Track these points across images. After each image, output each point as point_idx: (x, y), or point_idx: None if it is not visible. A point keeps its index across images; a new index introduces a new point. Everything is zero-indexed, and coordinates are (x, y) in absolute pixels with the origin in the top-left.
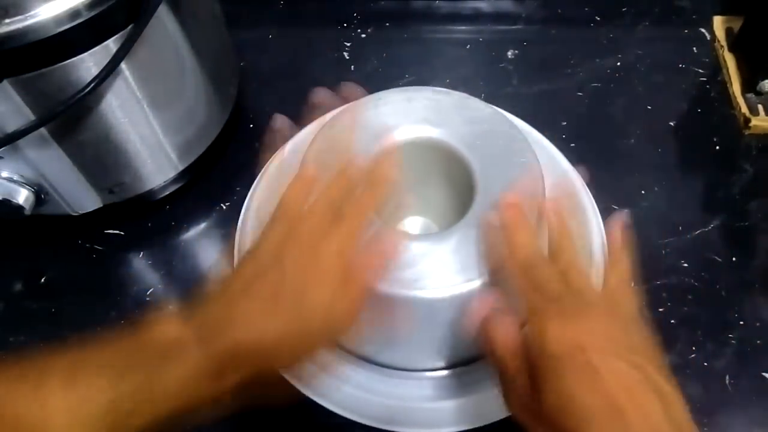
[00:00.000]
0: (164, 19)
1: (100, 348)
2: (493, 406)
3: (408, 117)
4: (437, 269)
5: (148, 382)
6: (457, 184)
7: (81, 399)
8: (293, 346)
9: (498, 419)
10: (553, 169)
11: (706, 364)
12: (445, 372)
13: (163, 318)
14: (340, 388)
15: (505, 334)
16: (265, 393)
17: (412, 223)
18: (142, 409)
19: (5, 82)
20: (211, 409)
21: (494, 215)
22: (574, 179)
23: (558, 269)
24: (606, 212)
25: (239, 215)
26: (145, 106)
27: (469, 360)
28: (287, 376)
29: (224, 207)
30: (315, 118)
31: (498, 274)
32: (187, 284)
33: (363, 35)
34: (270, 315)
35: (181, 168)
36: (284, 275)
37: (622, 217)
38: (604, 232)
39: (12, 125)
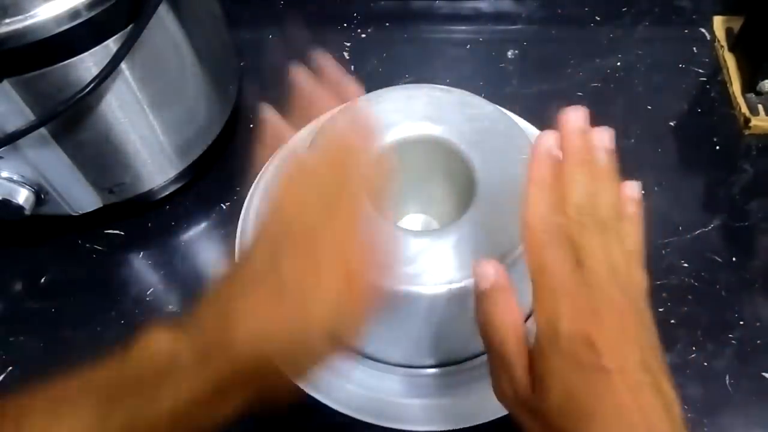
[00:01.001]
0: (164, 19)
1: (86, 375)
2: (494, 403)
3: (408, 114)
4: (437, 265)
5: (141, 409)
6: (457, 181)
7: None
8: (297, 354)
9: (497, 417)
10: None
11: (706, 364)
12: (444, 369)
13: (157, 332)
14: (338, 385)
15: (508, 316)
16: (267, 395)
17: (413, 220)
18: None
19: (5, 82)
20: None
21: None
22: None
23: (571, 254)
24: None
25: (239, 215)
26: (145, 106)
27: (469, 357)
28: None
29: (224, 207)
30: (305, 111)
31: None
32: (188, 284)
33: (363, 35)
34: (272, 321)
35: (181, 168)
36: (283, 279)
37: (633, 187)
38: None
39: (12, 125)
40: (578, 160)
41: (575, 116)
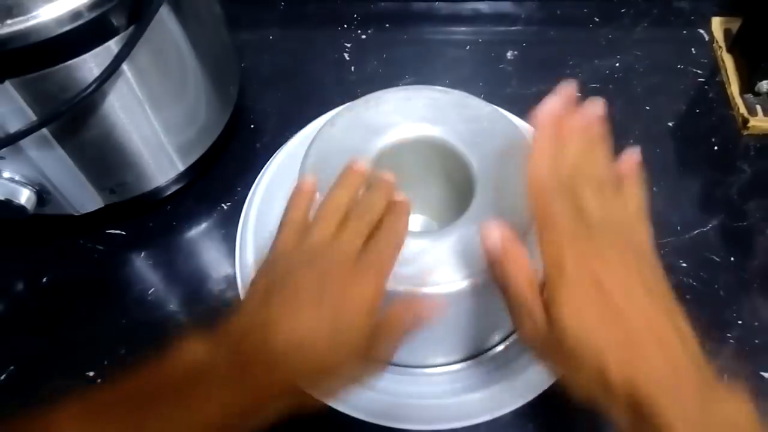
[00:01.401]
0: (165, 20)
1: (120, 384)
2: (494, 402)
3: (407, 116)
4: (437, 266)
5: (174, 419)
6: (456, 182)
7: None
8: (320, 392)
9: (500, 414)
10: None
11: None
12: (445, 368)
13: (191, 342)
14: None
15: (522, 266)
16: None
17: (412, 221)
18: None
19: (7, 83)
20: None
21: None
22: None
23: (574, 202)
24: None
25: (240, 215)
26: (146, 106)
27: (470, 356)
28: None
29: (225, 207)
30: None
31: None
32: (189, 284)
33: (363, 36)
34: (311, 331)
35: (182, 168)
36: (319, 322)
37: (633, 153)
38: None
39: (14, 126)
40: (575, 126)
41: (569, 90)
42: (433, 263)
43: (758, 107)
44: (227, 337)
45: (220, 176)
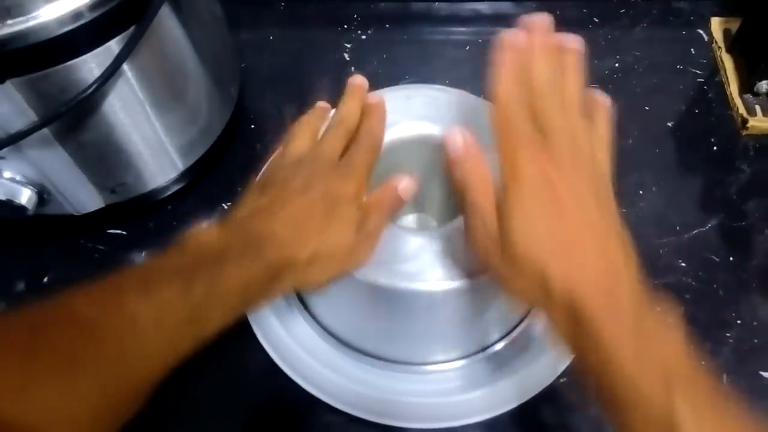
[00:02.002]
0: (166, 20)
1: (158, 261)
2: (493, 400)
3: (407, 114)
4: (436, 263)
5: (214, 285)
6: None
7: (162, 309)
8: (323, 268)
9: (499, 413)
10: None
11: (703, 363)
12: (444, 366)
13: (204, 230)
14: (339, 383)
15: (480, 171)
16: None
17: (411, 219)
18: (213, 314)
19: (8, 83)
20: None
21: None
22: None
23: (534, 116)
24: None
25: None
26: (147, 106)
27: (468, 354)
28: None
29: (225, 207)
30: None
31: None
32: None
33: (363, 36)
34: (299, 240)
35: (182, 168)
36: (310, 207)
37: (601, 94)
38: None
39: (15, 126)
40: (543, 47)
41: (541, 17)
42: (432, 260)
43: (757, 107)
44: (234, 223)
45: (220, 176)
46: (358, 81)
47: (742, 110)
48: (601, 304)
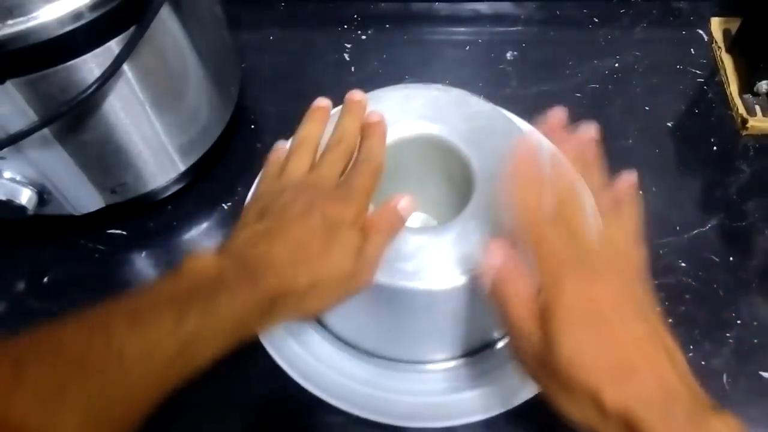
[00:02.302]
0: (166, 20)
1: (152, 290)
2: (491, 400)
3: (407, 114)
4: (437, 261)
5: (206, 316)
6: (455, 180)
7: (150, 344)
8: (322, 296)
9: (497, 413)
10: None
11: (703, 363)
12: (442, 365)
13: (201, 256)
14: (340, 382)
15: (522, 293)
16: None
17: (412, 219)
18: (205, 346)
19: (8, 84)
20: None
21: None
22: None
23: (566, 228)
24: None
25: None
26: (147, 107)
27: (467, 353)
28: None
29: (226, 207)
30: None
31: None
32: None
33: (363, 37)
34: (299, 267)
35: (183, 168)
36: (310, 234)
37: (629, 176)
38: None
39: (15, 126)
40: (569, 152)
41: (560, 114)
42: (432, 259)
43: (757, 107)
44: (231, 250)
45: (220, 176)
46: (357, 97)
47: (742, 110)
48: (659, 422)
